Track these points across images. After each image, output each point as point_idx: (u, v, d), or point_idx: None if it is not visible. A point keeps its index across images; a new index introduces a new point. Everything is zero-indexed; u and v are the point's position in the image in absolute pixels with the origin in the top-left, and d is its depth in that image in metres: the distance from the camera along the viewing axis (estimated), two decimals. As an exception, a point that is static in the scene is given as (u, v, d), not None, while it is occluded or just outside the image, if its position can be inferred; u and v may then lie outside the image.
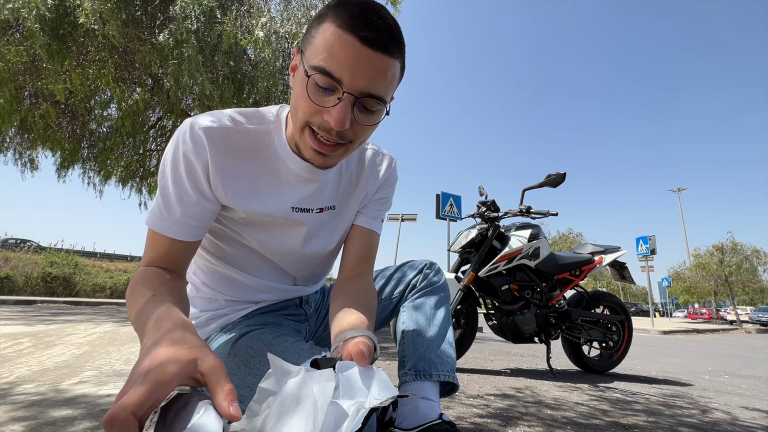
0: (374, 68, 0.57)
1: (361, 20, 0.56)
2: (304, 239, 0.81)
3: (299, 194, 0.75)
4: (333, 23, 0.56)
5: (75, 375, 1.68)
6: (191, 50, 4.44)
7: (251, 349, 0.69)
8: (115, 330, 3.68)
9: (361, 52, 0.56)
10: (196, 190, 0.66)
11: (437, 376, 0.81)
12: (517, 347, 4.31)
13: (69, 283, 11.43)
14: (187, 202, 0.65)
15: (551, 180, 2.43)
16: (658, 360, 3.96)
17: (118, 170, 7.47)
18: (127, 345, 2.67)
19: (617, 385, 2.32)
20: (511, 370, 2.69)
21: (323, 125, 0.60)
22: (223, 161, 0.67)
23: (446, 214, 7.13)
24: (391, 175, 0.89)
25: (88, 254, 20.61)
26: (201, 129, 0.65)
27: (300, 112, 0.61)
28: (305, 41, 0.62)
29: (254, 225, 0.75)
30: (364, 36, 0.55)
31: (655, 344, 6.45)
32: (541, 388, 2.03)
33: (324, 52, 0.56)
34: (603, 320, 2.76)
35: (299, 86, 0.61)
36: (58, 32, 4.33)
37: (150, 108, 6.59)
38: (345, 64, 0.56)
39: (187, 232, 0.67)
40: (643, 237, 12.57)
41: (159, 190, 0.66)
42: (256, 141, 0.71)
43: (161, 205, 0.65)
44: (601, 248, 2.85)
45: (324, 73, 0.56)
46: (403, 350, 0.86)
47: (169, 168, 0.65)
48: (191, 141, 0.64)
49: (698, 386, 2.45)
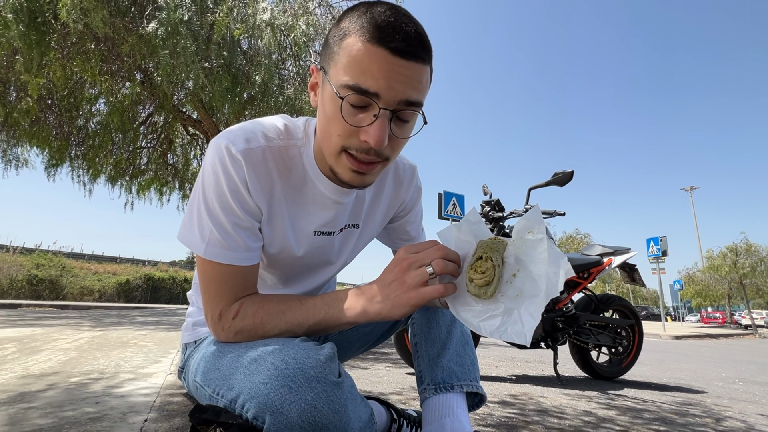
0: (408, 78, 0.57)
1: (389, 30, 0.56)
2: (320, 262, 0.83)
3: (324, 218, 0.76)
4: (359, 37, 0.56)
5: (62, 381, 1.68)
6: (183, 41, 4.43)
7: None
8: (104, 335, 3.68)
9: (393, 63, 0.56)
10: (247, 213, 0.67)
11: (460, 387, 0.77)
12: (522, 353, 4.30)
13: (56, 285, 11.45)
14: (244, 227, 0.67)
15: (558, 178, 2.43)
16: (669, 366, 3.96)
17: (107, 168, 7.47)
18: (116, 350, 2.67)
19: (627, 392, 2.32)
20: (516, 376, 2.69)
21: (361, 147, 0.60)
22: (259, 187, 0.68)
23: (449, 214, 7.13)
24: (416, 188, 0.91)
25: (75, 256, 20.57)
26: (240, 152, 0.65)
27: (334, 137, 0.61)
28: (326, 58, 0.61)
29: (273, 248, 0.76)
30: (395, 47, 0.56)
31: (667, 350, 6.45)
32: (547, 396, 2.03)
33: (354, 68, 0.56)
34: (612, 324, 2.75)
35: (330, 108, 0.60)
36: (37, 22, 4.32)
37: (140, 103, 6.59)
38: (379, 79, 0.56)
39: (254, 256, 0.69)
40: (654, 238, 12.58)
41: (208, 221, 0.65)
42: (287, 160, 0.71)
43: (217, 236, 0.65)
44: (610, 249, 2.85)
45: (358, 91, 0.56)
46: (420, 364, 0.82)
47: (214, 197, 0.65)
48: (232, 166, 0.64)
49: (712, 393, 2.45)
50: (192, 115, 7.12)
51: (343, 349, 0.96)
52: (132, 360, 2.27)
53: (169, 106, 6.48)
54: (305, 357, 0.54)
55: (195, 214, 0.67)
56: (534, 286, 0.58)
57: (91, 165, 7.18)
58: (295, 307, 0.65)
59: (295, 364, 0.53)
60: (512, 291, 0.59)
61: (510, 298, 0.59)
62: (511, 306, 0.58)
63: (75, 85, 5.79)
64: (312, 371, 0.52)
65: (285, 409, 0.50)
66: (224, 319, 0.66)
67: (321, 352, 0.55)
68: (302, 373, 0.52)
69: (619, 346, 2.77)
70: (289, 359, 0.54)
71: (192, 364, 0.76)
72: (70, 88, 5.56)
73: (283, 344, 0.58)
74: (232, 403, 0.57)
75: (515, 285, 0.59)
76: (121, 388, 1.57)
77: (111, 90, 5.57)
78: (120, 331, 4.05)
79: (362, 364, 2.79)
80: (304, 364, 0.53)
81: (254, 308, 0.65)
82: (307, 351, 0.55)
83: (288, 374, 0.52)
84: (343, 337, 0.95)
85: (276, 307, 0.65)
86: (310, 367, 0.53)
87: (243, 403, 0.55)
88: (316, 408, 0.51)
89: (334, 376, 0.54)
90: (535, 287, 0.58)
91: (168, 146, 8.00)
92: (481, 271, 0.58)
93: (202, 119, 6.67)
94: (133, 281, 16.00)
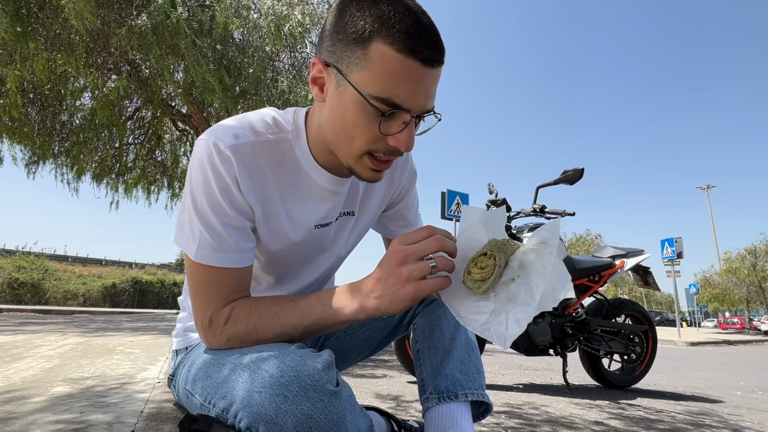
0: (432, 85, 0.62)
1: (418, 38, 0.58)
2: (319, 255, 0.83)
3: (323, 210, 0.77)
4: (389, 45, 0.57)
5: (44, 391, 1.68)
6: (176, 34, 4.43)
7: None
8: (89, 341, 3.68)
9: (423, 74, 0.60)
10: (238, 212, 0.67)
11: (465, 396, 0.76)
12: (530, 360, 4.31)
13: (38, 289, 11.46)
14: (235, 227, 0.67)
15: (568, 176, 2.43)
16: (685, 374, 3.97)
17: (92, 166, 7.47)
18: (101, 358, 2.67)
19: (640, 401, 2.32)
20: (523, 385, 2.69)
21: (389, 150, 0.64)
22: (250, 184, 0.68)
23: (452, 214, 7.13)
24: (411, 171, 0.93)
25: (58, 258, 20.63)
26: (228, 148, 0.65)
27: (359, 141, 0.63)
28: (340, 55, 0.61)
29: (271, 245, 0.76)
30: (425, 57, 0.59)
31: (682, 357, 6.46)
32: (556, 406, 2.03)
33: (385, 79, 0.58)
34: (625, 330, 2.76)
35: (355, 114, 0.61)
36: (21, 12, 4.33)
37: (127, 97, 6.59)
38: (410, 91, 0.59)
39: (247, 257, 0.69)
40: (669, 239, 12.57)
41: (198, 222, 0.65)
42: (278, 154, 0.72)
43: (207, 237, 0.65)
44: (623, 251, 2.85)
45: (393, 106, 0.59)
46: (422, 372, 0.82)
47: (203, 196, 0.65)
48: (221, 163, 0.65)
49: (729, 403, 2.45)
50: (181, 110, 7.12)
51: (342, 357, 0.96)
52: (118, 368, 2.27)
53: (158, 101, 6.49)
54: (301, 364, 0.54)
55: (186, 216, 0.67)
56: (529, 295, 0.61)
57: (76, 162, 7.18)
58: (289, 308, 0.65)
59: (291, 372, 0.53)
60: (506, 294, 0.62)
61: (501, 300, 0.62)
62: (501, 308, 0.61)
63: (59, 78, 5.79)
64: (309, 379, 0.52)
65: (280, 419, 0.50)
66: (215, 325, 0.66)
67: (318, 360, 0.55)
68: (298, 381, 0.52)
69: (632, 353, 2.78)
70: (285, 367, 0.54)
71: (182, 371, 0.76)
72: (54, 81, 5.56)
73: (278, 351, 0.58)
74: (224, 412, 0.57)
75: (511, 289, 0.62)
76: (107, 398, 1.57)
77: (97, 83, 5.58)
78: (106, 338, 4.05)
79: (361, 371, 2.79)
80: (301, 372, 0.53)
81: (246, 312, 0.65)
82: (304, 358, 0.55)
83: (283, 383, 0.52)
84: (342, 344, 0.95)
85: (269, 309, 0.65)
86: (306, 375, 0.52)
87: (236, 413, 0.55)
88: (313, 418, 0.50)
89: (332, 384, 0.54)
90: (530, 297, 0.61)
91: (156, 142, 8.01)
92: (481, 267, 0.62)
93: (192, 114, 6.67)
94: (119, 285, 16.01)
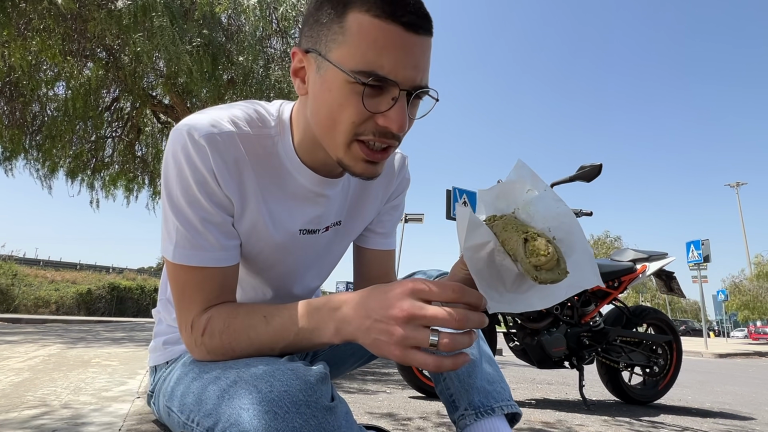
0: (422, 56, 0.60)
1: (398, 2, 0.57)
2: (305, 264, 0.83)
3: (308, 214, 0.77)
4: (365, 12, 0.57)
5: (13, 408, 1.68)
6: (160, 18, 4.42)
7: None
8: (62, 353, 3.68)
9: (408, 41, 0.58)
10: (217, 206, 0.67)
11: (500, 408, 0.78)
12: (543, 373, 4.30)
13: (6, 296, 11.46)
14: (214, 222, 0.67)
15: (584, 173, 2.43)
16: (712, 389, 3.96)
17: (66, 161, 7.46)
18: (76, 371, 2.67)
19: (664, 419, 2.32)
20: (536, 400, 2.69)
21: (379, 131, 0.62)
22: (228, 176, 0.67)
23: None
24: (404, 179, 0.92)
25: (28, 262, 20.62)
26: (203, 137, 0.64)
27: (346, 124, 0.62)
28: (319, 38, 0.62)
29: (252, 248, 0.76)
30: (407, 21, 0.58)
31: (710, 370, 6.45)
32: (572, 423, 2.03)
33: (366, 50, 0.57)
34: (647, 341, 2.75)
35: (339, 94, 0.61)
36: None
37: (104, 86, 6.59)
38: (396, 60, 0.58)
39: (230, 256, 0.69)
40: (695, 241, 12.58)
41: (174, 219, 0.65)
42: (260, 150, 0.71)
43: (185, 235, 0.65)
44: (644, 255, 2.85)
45: (377, 78, 0.58)
46: (449, 386, 0.82)
47: (179, 191, 0.65)
48: (195, 153, 0.64)
49: (761, 420, 2.45)
50: (163, 100, 7.12)
51: (336, 365, 0.97)
52: (94, 382, 2.27)
53: (138, 90, 6.49)
54: (293, 378, 0.53)
55: (162, 215, 0.67)
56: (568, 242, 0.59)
57: (48, 157, 7.18)
58: (260, 328, 0.64)
59: (281, 387, 0.52)
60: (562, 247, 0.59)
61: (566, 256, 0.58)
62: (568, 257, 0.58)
63: (30, 66, 5.79)
64: (301, 395, 0.52)
65: None
66: (195, 332, 0.66)
67: (311, 373, 0.55)
68: (289, 396, 0.51)
69: (655, 366, 2.77)
70: (275, 381, 0.53)
71: (164, 387, 0.76)
72: (26, 69, 5.56)
73: (267, 364, 0.58)
74: (208, 431, 0.57)
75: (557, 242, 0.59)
76: (82, 416, 1.57)
77: (72, 72, 5.58)
78: (81, 349, 4.05)
79: (359, 385, 2.79)
80: (292, 386, 0.52)
81: (221, 326, 0.65)
82: (295, 372, 0.55)
83: (273, 398, 0.51)
84: (336, 351, 0.95)
85: (242, 324, 0.64)
86: (298, 390, 0.52)
87: None
88: None
89: (327, 399, 0.53)
90: (569, 242, 0.59)
91: (136, 136, 8.01)
92: (544, 253, 0.54)
93: (174, 105, 6.68)
94: (95, 291, 16.02)
